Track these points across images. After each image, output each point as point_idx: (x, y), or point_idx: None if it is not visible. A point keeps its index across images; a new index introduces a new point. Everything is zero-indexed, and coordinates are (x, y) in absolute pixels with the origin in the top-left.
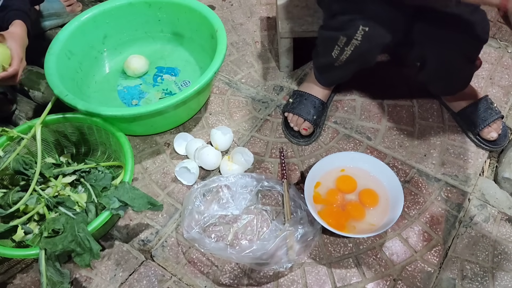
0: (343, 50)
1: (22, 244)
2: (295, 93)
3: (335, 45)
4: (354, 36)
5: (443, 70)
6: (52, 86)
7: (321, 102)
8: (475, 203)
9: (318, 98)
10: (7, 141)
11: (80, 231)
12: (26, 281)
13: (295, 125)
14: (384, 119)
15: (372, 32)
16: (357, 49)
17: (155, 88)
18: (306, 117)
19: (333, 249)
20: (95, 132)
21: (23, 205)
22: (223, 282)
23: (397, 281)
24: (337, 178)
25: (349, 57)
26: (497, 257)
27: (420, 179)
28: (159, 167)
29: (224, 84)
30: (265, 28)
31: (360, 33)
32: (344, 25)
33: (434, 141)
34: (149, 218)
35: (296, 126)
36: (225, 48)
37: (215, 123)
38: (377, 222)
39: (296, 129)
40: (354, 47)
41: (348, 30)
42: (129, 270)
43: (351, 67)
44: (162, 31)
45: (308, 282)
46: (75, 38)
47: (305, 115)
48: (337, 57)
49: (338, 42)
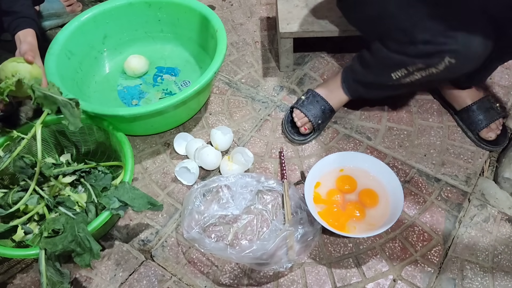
0: (411, 74)
1: (22, 244)
2: (309, 91)
3: (402, 68)
4: (435, 66)
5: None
6: None
7: (331, 109)
8: (475, 203)
9: (329, 105)
10: (7, 141)
11: (80, 231)
12: (26, 281)
13: (298, 119)
14: (384, 119)
15: (458, 65)
16: (430, 77)
17: (155, 88)
18: (311, 119)
19: (333, 249)
20: (95, 132)
21: (23, 205)
22: (223, 282)
23: (397, 281)
24: (337, 178)
25: (414, 81)
26: (497, 257)
27: (420, 179)
28: (159, 167)
29: (224, 84)
30: (265, 28)
31: (444, 63)
32: (428, 54)
33: (434, 141)
34: (149, 218)
35: (299, 122)
36: (225, 48)
37: (215, 123)
38: (377, 222)
39: (299, 125)
40: (427, 74)
41: (431, 59)
42: (129, 270)
43: (404, 90)
44: (162, 31)
45: (308, 282)
46: (75, 38)
47: (311, 116)
48: (397, 79)
49: (409, 67)
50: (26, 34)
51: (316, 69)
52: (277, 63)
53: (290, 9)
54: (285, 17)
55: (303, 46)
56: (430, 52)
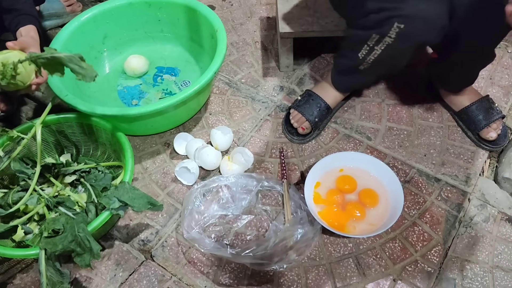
0: (372, 50)
1: (22, 244)
2: (305, 92)
3: (364, 45)
4: (388, 34)
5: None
6: (52, 86)
7: (327, 106)
8: (475, 203)
9: (324, 102)
10: (7, 141)
11: (80, 231)
12: (26, 281)
13: (295, 121)
14: (384, 119)
15: (407, 30)
16: (388, 48)
17: (155, 88)
18: (308, 117)
19: (333, 249)
20: (95, 132)
21: (23, 205)
22: (223, 282)
23: (397, 281)
24: (337, 178)
25: (377, 58)
26: (497, 257)
27: (420, 179)
28: (159, 167)
29: (224, 84)
30: (265, 28)
31: (394, 30)
32: (378, 23)
33: (434, 141)
34: (149, 218)
35: (296, 123)
36: (225, 48)
37: (215, 123)
38: (377, 222)
39: (295, 126)
40: (385, 46)
41: (382, 27)
42: (129, 270)
43: (376, 71)
44: (162, 31)
45: (308, 282)
46: (75, 38)
47: (307, 115)
48: (363, 57)
49: (368, 41)
50: (29, 30)
51: (316, 69)
52: (277, 63)
53: (290, 9)
54: (285, 17)
55: (303, 46)
56: (381, 19)
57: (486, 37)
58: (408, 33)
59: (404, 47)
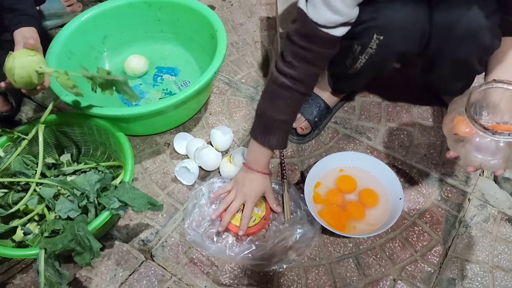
0: (357, 59)
1: (22, 244)
2: None
3: (349, 53)
4: (369, 45)
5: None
6: (52, 86)
7: (326, 106)
8: (475, 203)
9: (324, 101)
10: (8, 141)
11: (79, 230)
12: (26, 281)
13: None
14: (384, 119)
15: (386, 41)
16: (372, 58)
17: (155, 88)
18: (307, 117)
19: (333, 249)
20: (95, 132)
21: (23, 205)
22: (223, 282)
23: (397, 281)
24: (337, 178)
25: (363, 65)
26: (497, 257)
27: (420, 179)
28: (159, 167)
29: (224, 84)
30: (265, 28)
31: (374, 41)
32: (358, 34)
33: (434, 141)
34: (149, 218)
35: (295, 123)
36: (225, 48)
37: (215, 123)
38: (377, 222)
39: (295, 126)
40: (368, 56)
41: (362, 39)
42: (129, 270)
43: (365, 75)
44: (162, 31)
45: (308, 282)
46: (75, 38)
47: (307, 114)
48: (351, 64)
49: (352, 51)
50: (32, 32)
51: None
52: None
53: (290, 9)
54: (285, 17)
55: None
56: (360, 31)
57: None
58: (388, 43)
59: (387, 56)
